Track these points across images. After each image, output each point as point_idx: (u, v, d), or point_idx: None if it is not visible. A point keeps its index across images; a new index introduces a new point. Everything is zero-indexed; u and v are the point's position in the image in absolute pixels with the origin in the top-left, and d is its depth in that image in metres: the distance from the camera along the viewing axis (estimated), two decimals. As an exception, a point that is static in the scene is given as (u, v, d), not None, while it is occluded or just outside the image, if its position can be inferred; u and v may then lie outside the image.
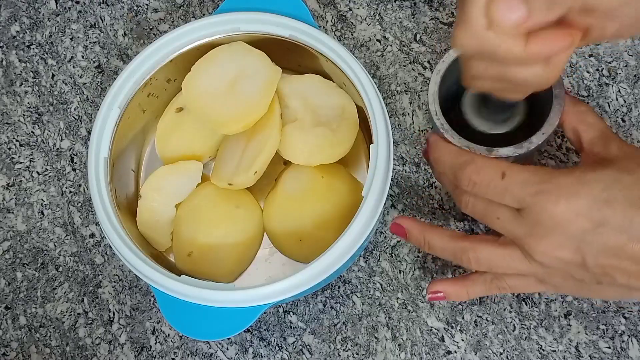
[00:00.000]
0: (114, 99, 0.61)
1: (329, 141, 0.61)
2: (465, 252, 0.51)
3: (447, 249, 0.53)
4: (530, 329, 0.60)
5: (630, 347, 0.59)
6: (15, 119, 0.73)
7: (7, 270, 0.69)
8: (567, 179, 0.46)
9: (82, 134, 0.72)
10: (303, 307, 0.64)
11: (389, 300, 0.63)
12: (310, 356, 0.63)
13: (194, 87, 0.62)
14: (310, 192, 0.61)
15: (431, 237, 0.54)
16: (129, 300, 0.66)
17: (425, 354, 0.61)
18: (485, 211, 0.50)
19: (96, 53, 0.74)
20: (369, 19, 0.71)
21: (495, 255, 0.50)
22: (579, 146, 0.51)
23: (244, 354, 0.63)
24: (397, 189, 0.65)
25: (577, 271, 0.48)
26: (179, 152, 0.65)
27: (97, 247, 0.68)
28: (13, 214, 0.70)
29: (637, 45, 0.66)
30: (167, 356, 0.64)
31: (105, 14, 0.75)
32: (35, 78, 0.74)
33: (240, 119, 0.60)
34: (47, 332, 0.66)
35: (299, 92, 0.63)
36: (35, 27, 0.76)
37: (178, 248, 0.62)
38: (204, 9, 0.74)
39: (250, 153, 0.60)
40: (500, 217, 0.49)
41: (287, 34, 0.61)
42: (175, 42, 0.63)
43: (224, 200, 0.62)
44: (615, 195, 0.45)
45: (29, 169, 0.71)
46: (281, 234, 0.62)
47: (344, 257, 0.54)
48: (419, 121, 0.67)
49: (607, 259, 0.46)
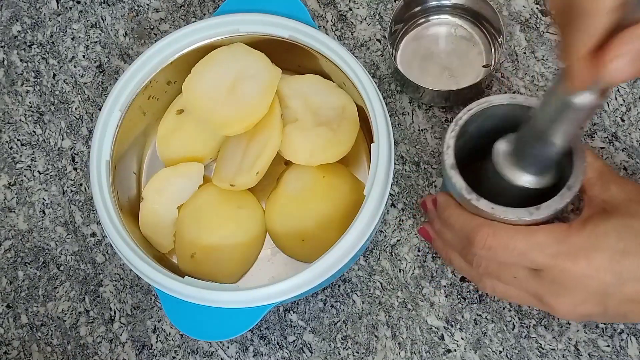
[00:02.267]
0: (115, 102, 0.61)
1: (329, 141, 0.61)
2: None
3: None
4: (529, 328, 0.61)
5: (629, 345, 0.59)
6: (16, 118, 0.73)
7: (9, 269, 0.69)
8: (582, 236, 0.46)
9: (83, 133, 0.72)
10: (303, 305, 0.64)
11: (389, 299, 0.63)
12: (311, 355, 0.63)
13: (194, 89, 0.62)
14: (311, 192, 0.61)
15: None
16: (130, 299, 0.66)
17: (425, 353, 0.61)
18: (499, 271, 0.50)
19: (97, 53, 0.74)
20: (369, 19, 0.71)
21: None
22: (582, 189, 0.51)
23: (244, 353, 0.64)
24: (397, 188, 0.66)
25: (596, 318, 0.49)
26: (180, 154, 0.65)
27: (98, 246, 0.68)
28: (14, 213, 0.70)
29: (635, 45, 0.66)
30: (168, 355, 0.65)
31: (106, 14, 0.76)
32: (36, 78, 0.74)
33: (241, 120, 0.60)
34: (49, 331, 0.67)
35: (299, 92, 0.63)
36: (36, 27, 0.76)
37: (181, 249, 0.63)
38: (204, 8, 0.74)
39: (251, 154, 0.60)
40: (518, 276, 0.49)
41: (286, 34, 0.62)
42: (175, 44, 0.63)
43: (226, 201, 0.62)
44: (630, 245, 0.45)
45: (30, 168, 0.72)
46: (283, 234, 0.62)
47: (347, 256, 0.54)
48: (418, 120, 0.67)
49: (628, 306, 0.47)
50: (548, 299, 0.48)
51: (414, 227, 0.64)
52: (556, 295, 0.47)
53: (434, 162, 0.66)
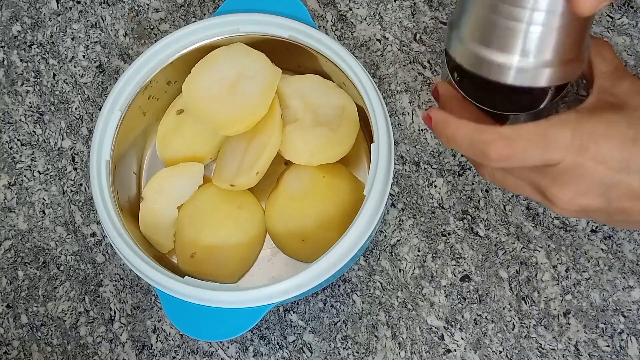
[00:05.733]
0: (115, 102, 0.61)
1: (329, 141, 0.61)
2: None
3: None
4: (529, 328, 0.61)
5: (630, 345, 0.59)
6: (16, 118, 0.73)
7: (9, 269, 0.69)
8: (591, 122, 0.44)
9: (83, 133, 0.72)
10: (303, 305, 0.64)
11: (389, 299, 0.63)
12: (311, 355, 0.63)
13: (194, 89, 0.62)
14: (311, 192, 0.61)
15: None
16: (130, 299, 0.66)
17: (425, 353, 0.61)
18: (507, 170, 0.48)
19: (97, 53, 0.74)
20: (369, 19, 0.71)
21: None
22: (590, 79, 0.49)
23: (244, 353, 0.64)
24: (397, 188, 0.66)
25: (595, 213, 0.46)
26: (180, 154, 0.65)
27: (98, 246, 0.68)
28: (14, 213, 0.70)
29: (636, 45, 0.66)
30: (168, 355, 0.65)
31: (106, 14, 0.76)
32: (36, 78, 0.74)
33: (241, 120, 0.60)
34: (49, 331, 0.67)
35: (299, 92, 0.63)
36: (36, 27, 0.76)
37: (181, 250, 0.63)
38: (204, 8, 0.74)
39: (251, 154, 0.60)
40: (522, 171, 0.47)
41: (286, 34, 0.62)
42: (174, 44, 0.63)
43: (226, 201, 0.62)
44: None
45: (30, 168, 0.72)
46: (283, 234, 0.62)
47: (347, 256, 0.54)
48: (418, 120, 0.67)
49: (631, 202, 0.45)
50: (550, 190, 0.46)
51: (414, 227, 0.64)
52: (560, 185, 0.45)
53: (434, 162, 0.66)
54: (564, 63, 0.45)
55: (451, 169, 0.65)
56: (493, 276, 0.62)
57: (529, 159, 0.45)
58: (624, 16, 0.67)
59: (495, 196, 0.64)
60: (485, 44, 0.44)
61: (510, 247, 0.63)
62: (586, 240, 0.62)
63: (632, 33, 0.67)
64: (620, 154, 0.43)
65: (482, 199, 0.64)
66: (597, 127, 0.44)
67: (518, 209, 0.64)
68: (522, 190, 0.49)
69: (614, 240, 0.62)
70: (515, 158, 0.45)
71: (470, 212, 0.64)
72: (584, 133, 0.44)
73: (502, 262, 0.63)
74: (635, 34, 0.67)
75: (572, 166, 0.44)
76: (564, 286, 0.61)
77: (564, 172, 0.45)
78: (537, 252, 0.62)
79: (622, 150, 0.43)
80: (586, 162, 0.44)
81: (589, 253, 0.62)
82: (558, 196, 0.45)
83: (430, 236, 0.64)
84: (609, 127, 0.44)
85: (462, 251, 0.63)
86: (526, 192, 0.49)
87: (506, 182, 0.49)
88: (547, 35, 0.43)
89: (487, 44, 0.44)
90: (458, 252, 0.63)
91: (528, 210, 0.63)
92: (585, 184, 0.45)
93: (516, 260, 0.62)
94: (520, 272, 0.62)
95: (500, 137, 0.45)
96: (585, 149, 0.44)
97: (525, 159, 0.45)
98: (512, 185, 0.49)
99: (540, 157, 0.44)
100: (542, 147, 0.44)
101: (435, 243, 0.64)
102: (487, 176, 0.50)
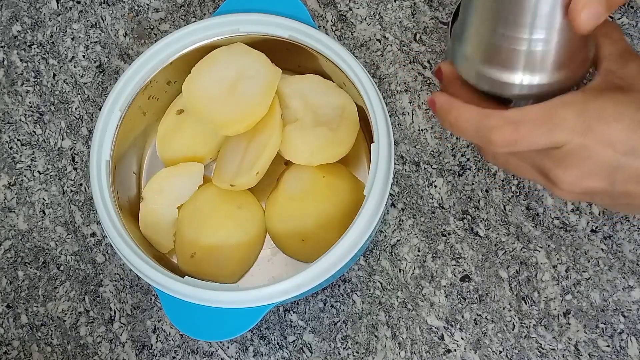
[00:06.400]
0: (115, 102, 0.61)
1: (329, 141, 0.61)
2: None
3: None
4: (529, 328, 0.61)
5: (630, 345, 0.59)
6: (16, 118, 0.73)
7: (9, 269, 0.69)
8: (598, 102, 0.43)
9: (83, 133, 0.72)
10: (303, 306, 0.64)
11: (388, 299, 0.63)
12: (311, 355, 0.63)
13: (194, 89, 0.62)
14: (311, 192, 0.61)
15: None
16: (130, 299, 0.66)
17: (425, 353, 0.61)
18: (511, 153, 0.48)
19: (97, 53, 0.74)
20: (369, 19, 0.71)
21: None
22: (596, 61, 0.48)
23: (244, 353, 0.64)
24: (397, 188, 0.66)
25: (599, 196, 0.46)
26: (180, 154, 0.65)
27: (98, 246, 0.68)
28: (14, 213, 0.70)
29: (636, 45, 0.66)
30: (168, 355, 0.65)
31: (106, 14, 0.76)
32: (36, 78, 0.74)
33: (241, 120, 0.60)
34: (49, 331, 0.67)
35: (299, 92, 0.63)
36: (36, 27, 0.76)
37: (181, 249, 0.63)
38: (204, 8, 0.74)
39: (251, 154, 0.60)
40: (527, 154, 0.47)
41: (286, 34, 0.62)
42: (174, 45, 0.63)
43: (226, 201, 0.62)
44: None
45: (30, 168, 0.72)
46: (283, 234, 0.62)
47: (347, 256, 0.54)
48: (418, 120, 0.67)
49: (635, 185, 0.44)
50: (554, 172, 0.45)
51: (414, 227, 0.64)
52: (564, 167, 0.44)
53: (434, 162, 0.66)
54: (569, 70, 0.45)
55: (451, 169, 0.65)
56: (493, 276, 0.62)
57: (534, 143, 0.44)
58: (624, 16, 0.67)
59: (495, 196, 0.64)
60: (489, 62, 0.45)
61: (510, 247, 0.63)
62: (586, 240, 0.62)
63: (632, 33, 0.67)
64: (628, 136, 0.43)
65: (482, 199, 0.64)
66: (604, 108, 0.43)
67: (518, 209, 0.64)
68: (524, 172, 0.48)
69: (614, 240, 0.62)
70: (521, 142, 0.44)
71: (470, 212, 0.64)
72: (590, 114, 0.43)
73: (502, 262, 0.63)
74: (635, 34, 0.67)
75: (578, 148, 0.43)
76: (564, 286, 0.61)
77: (569, 154, 0.44)
78: (537, 252, 0.62)
79: (630, 132, 0.43)
80: (592, 144, 0.43)
81: (589, 253, 0.62)
82: (562, 178, 0.45)
83: (430, 236, 0.64)
84: (616, 108, 0.43)
85: (462, 251, 0.63)
86: (529, 175, 0.48)
87: (509, 164, 0.49)
88: (550, 51, 0.43)
89: (490, 63, 0.44)
90: (458, 252, 0.63)
91: (528, 210, 0.63)
92: (590, 166, 0.44)
93: (516, 260, 0.62)
94: (520, 272, 0.62)
95: (506, 122, 0.44)
96: (591, 130, 0.43)
97: (531, 143, 0.44)
98: (515, 167, 0.48)
99: (546, 139, 0.44)
100: (547, 129, 0.43)
101: (435, 243, 0.64)
102: (489, 157, 0.49)
